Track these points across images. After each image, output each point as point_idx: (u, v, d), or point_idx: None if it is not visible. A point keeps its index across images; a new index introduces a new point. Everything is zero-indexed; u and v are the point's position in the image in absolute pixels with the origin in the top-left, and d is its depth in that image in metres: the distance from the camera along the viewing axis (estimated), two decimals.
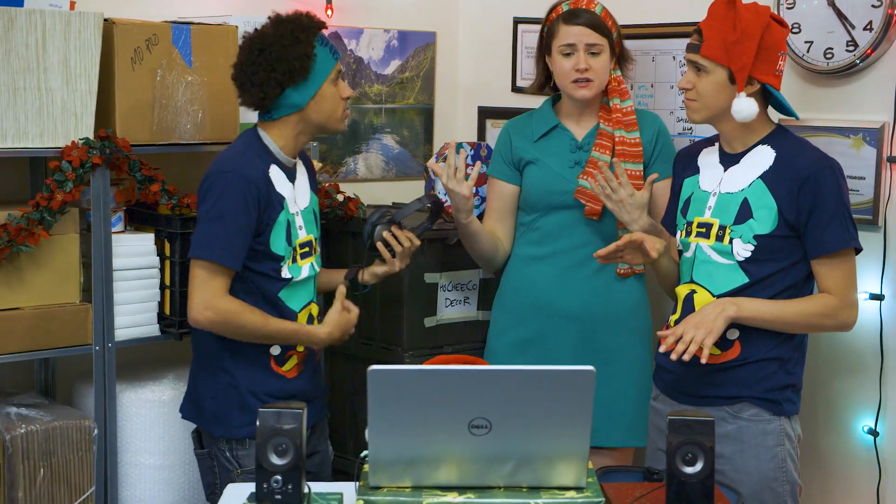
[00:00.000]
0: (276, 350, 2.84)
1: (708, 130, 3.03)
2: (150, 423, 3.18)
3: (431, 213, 3.12)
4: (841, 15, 3.07)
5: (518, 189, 3.20)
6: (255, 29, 2.81)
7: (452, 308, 3.42)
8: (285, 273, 2.82)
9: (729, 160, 2.79)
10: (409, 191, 3.97)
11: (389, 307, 3.35)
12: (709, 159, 2.85)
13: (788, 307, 2.70)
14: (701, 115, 2.76)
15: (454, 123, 4.17)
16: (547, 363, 3.03)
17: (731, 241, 2.72)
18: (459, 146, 3.23)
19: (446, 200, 3.23)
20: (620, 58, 3.16)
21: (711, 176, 2.81)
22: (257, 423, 2.21)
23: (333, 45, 2.85)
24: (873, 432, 3.07)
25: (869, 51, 3.01)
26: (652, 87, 3.53)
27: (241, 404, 2.83)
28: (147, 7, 3.37)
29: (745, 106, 2.69)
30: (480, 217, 3.24)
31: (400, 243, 3.00)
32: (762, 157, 2.74)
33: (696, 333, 2.63)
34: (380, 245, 3.00)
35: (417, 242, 3.05)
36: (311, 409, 2.90)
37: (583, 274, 3.12)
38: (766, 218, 2.69)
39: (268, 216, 2.76)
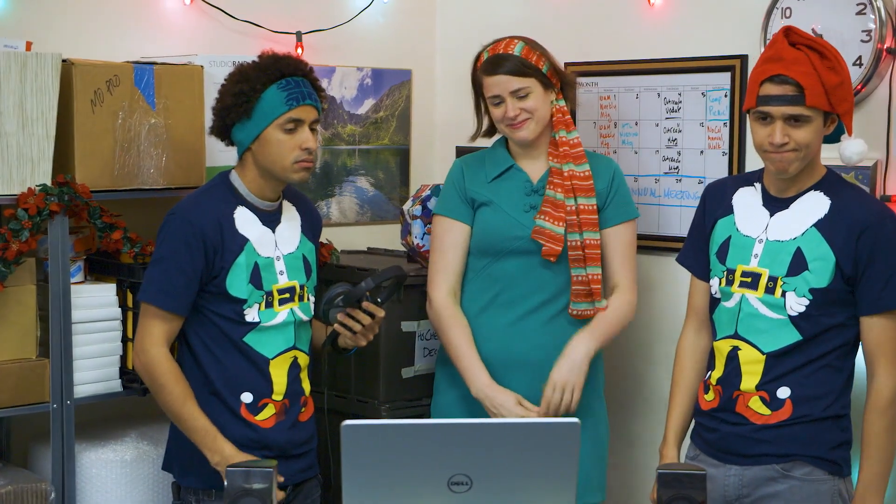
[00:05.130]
0: (247, 398, 2.81)
1: (693, 169, 2.93)
2: (112, 485, 3.13)
3: (395, 282, 3.01)
4: None
5: (470, 230, 3.10)
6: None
7: (431, 357, 3.36)
8: (251, 317, 2.79)
9: (776, 205, 2.66)
10: (384, 235, 3.95)
11: (365, 358, 3.30)
12: (748, 200, 2.71)
13: (881, 441, 2.58)
14: (799, 164, 2.59)
15: (431, 164, 4.16)
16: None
17: (783, 294, 2.60)
18: None
19: (410, 272, 3.16)
20: (563, 86, 3.08)
21: (754, 219, 2.68)
22: (225, 482, 2.19)
23: (302, 94, 2.78)
24: None
25: (860, 87, 2.97)
26: (636, 124, 3.50)
27: None
28: (108, 47, 3.37)
29: (862, 146, 2.72)
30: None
31: (359, 321, 2.88)
32: (815, 204, 2.62)
33: None
34: (337, 327, 2.90)
35: (381, 314, 2.91)
36: (295, 465, 2.87)
37: (536, 320, 3.04)
38: (822, 270, 2.58)
39: (221, 258, 2.76)
